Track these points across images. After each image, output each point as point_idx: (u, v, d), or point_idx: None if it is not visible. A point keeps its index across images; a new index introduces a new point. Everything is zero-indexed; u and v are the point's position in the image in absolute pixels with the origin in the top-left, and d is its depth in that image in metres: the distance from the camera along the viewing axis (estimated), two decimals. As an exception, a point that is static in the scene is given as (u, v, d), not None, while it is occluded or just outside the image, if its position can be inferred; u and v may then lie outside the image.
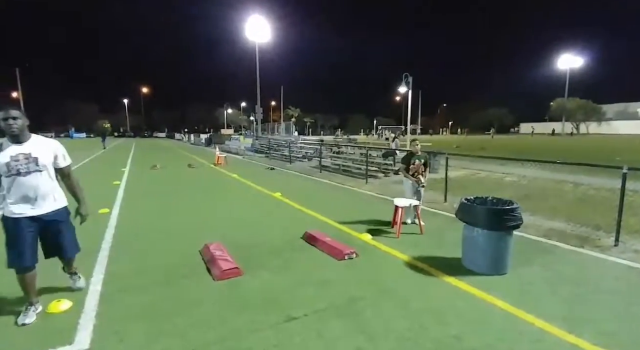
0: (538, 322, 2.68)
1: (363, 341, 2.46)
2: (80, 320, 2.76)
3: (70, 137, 45.75)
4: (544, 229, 5.20)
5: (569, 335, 2.51)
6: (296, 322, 2.72)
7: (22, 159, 2.56)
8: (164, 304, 3.03)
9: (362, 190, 8.66)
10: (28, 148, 2.61)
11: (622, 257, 4.06)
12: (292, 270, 3.75)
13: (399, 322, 2.71)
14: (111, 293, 3.23)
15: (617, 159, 13.93)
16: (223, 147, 23.58)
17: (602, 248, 4.38)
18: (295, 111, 66.17)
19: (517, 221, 3.54)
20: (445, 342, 2.45)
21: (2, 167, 2.51)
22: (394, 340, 2.47)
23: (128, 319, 2.78)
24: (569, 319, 2.72)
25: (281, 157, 17.43)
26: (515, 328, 2.63)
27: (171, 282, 3.46)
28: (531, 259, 4.00)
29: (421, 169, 5.38)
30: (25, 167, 2.57)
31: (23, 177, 2.56)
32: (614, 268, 3.80)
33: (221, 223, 5.69)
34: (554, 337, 2.50)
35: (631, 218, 5.29)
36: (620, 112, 64.63)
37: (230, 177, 11.16)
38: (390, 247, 4.39)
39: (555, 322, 2.67)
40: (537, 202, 6.83)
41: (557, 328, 2.60)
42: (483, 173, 10.79)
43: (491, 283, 3.36)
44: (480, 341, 2.46)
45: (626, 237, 4.63)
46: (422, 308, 2.92)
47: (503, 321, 2.72)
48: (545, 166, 11.26)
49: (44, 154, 2.69)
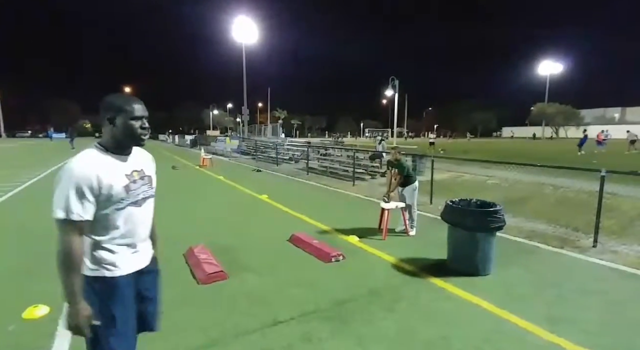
0: (522, 323, 2.72)
1: (352, 344, 2.45)
2: (59, 326, 2.65)
3: (49, 138, 43.79)
4: (526, 230, 5.31)
5: (552, 335, 2.55)
6: (283, 326, 2.68)
7: (138, 179, 1.50)
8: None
9: (349, 192, 8.67)
10: (136, 162, 1.53)
11: (600, 257, 4.18)
12: (278, 273, 3.71)
13: (387, 324, 2.71)
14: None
15: (593, 162, 14.41)
16: (209, 149, 23.29)
17: (581, 249, 4.51)
18: (283, 113, 65.95)
19: (499, 223, 3.61)
20: (434, 344, 2.46)
21: (118, 193, 1.40)
22: (384, 343, 2.47)
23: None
24: (551, 319, 2.77)
25: (268, 159, 17.33)
26: (500, 328, 2.67)
27: (165, 282, 3.36)
28: (514, 260, 4.07)
29: (397, 177, 5.06)
30: (143, 192, 1.53)
31: (138, 208, 1.51)
32: (594, 269, 3.91)
33: (206, 226, 5.60)
34: (537, 337, 2.54)
35: (608, 220, 5.46)
36: (598, 117, 67.10)
37: (215, 179, 11.01)
38: (377, 249, 4.40)
39: (539, 322, 2.72)
40: (519, 204, 6.98)
41: (540, 328, 2.64)
42: (467, 176, 10.98)
43: (476, 284, 3.41)
44: (467, 342, 2.48)
45: (604, 239, 4.77)
46: (410, 310, 2.93)
47: (488, 322, 2.76)
48: (525, 169, 11.55)
49: (153, 170, 1.65)
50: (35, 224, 5.58)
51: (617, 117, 70.02)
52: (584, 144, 21.00)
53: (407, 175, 5.06)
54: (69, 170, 1.32)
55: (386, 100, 61.63)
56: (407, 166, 5.16)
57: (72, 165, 1.33)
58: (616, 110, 72.84)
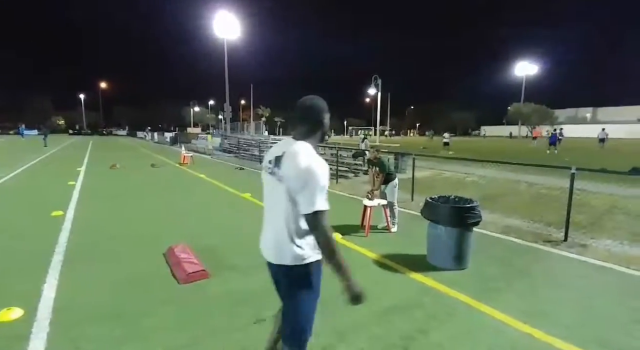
0: (498, 315, 2.83)
1: (334, 339, 2.49)
2: (33, 328, 2.57)
3: (20, 135, 41.74)
4: (502, 225, 5.50)
5: (526, 327, 2.67)
6: (266, 324, 2.69)
7: None
8: (126, 308, 2.89)
9: (332, 190, 8.72)
10: None
11: (570, 251, 4.39)
12: (261, 271, 3.70)
13: (368, 319, 2.75)
14: (65, 299, 3.03)
15: (565, 160, 15.02)
16: (190, 147, 22.87)
17: (553, 243, 4.71)
18: (266, 111, 65.35)
19: (476, 218, 3.76)
20: (413, 337, 2.52)
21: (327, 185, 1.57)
22: (364, 337, 2.52)
23: (85, 325, 2.62)
24: (526, 312, 2.89)
25: (251, 157, 17.18)
26: (478, 321, 2.77)
27: (134, 286, 3.31)
28: (491, 255, 4.22)
29: (378, 176, 5.12)
30: None
31: None
32: (564, 262, 4.10)
33: (188, 225, 5.51)
34: (513, 329, 2.65)
35: (578, 215, 5.72)
36: (571, 117, 69.90)
37: (197, 177, 10.84)
38: (359, 245, 4.46)
39: (514, 314, 2.83)
40: (496, 200, 7.22)
41: (516, 320, 2.75)
42: (447, 173, 11.24)
43: (455, 278, 3.51)
44: (446, 334, 2.56)
45: (574, 233, 5.00)
46: (390, 305, 2.99)
47: (466, 315, 2.85)
48: (502, 166, 11.93)
49: None
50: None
51: (589, 117, 73.15)
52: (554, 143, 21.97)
53: (388, 172, 5.14)
54: (320, 167, 1.49)
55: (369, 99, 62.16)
56: (387, 164, 5.23)
57: (320, 163, 1.50)
58: (588, 110, 76.08)
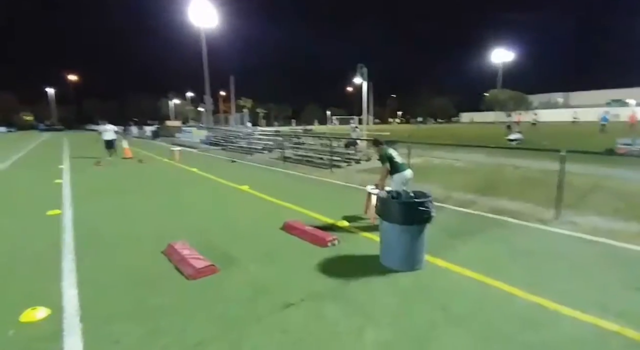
0: (506, 287, 3.06)
1: (364, 319, 2.64)
2: (64, 325, 2.59)
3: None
4: (494, 206, 5.79)
5: (533, 296, 2.91)
6: (294, 308, 2.81)
7: None
8: (150, 303, 2.93)
9: (328, 179, 8.85)
10: None
11: (562, 228, 4.70)
12: (278, 260, 3.81)
13: (390, 299, 2.92)
14: (89, 296, 3.05)
15: (543, 143, 15.66)
16: (174, 140, 22.40)
17: (544, 221, 5.02)
18: (248, 102, 64.31)
19: (426, 214, 3.36)
20: (436, 313, 2.71)
21: None
22: (390, 317, 2.68)
23: (116, 321, 2.67)
24: (530, 283, 3.13)
25: (239, 149, 17.03)
26: (488, 293, 2.99)
27: (150, 282, 3.33)
28: (489, 234, 4.50)
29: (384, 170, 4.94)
30: None
31: None
32: (557, 237, 4.40)
33: (189, 220, 5.51)
34: (521, 299, 2.88)
35: (565, 195, 6.07)
36: (544, 102, 72.27)
37: (189, 172, 10.72)
38: (368, 232, 4.62)
39: (520, 286, 3.07)
40: (486, 183, 7.54)
41: (523, 291, 2.99)
42: (436, 160, 11.55)
43: (462, 258, 3.73)
44: (463, 307, 2.77)
45: (563, 211, 5.33)
46: (408, 286, 3.17)
47: (478, 290, 3.07)
48: (488, 151, 12.37)
49: None
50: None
51: (561, 101, 75.83)
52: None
53: (393, 165, 4.92)
54: None
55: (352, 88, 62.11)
56: (385, 157, 4.95)
57: None
58: (560, 95, 78.79)
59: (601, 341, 2.36)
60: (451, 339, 2.39)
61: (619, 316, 2.60)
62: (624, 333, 2.41)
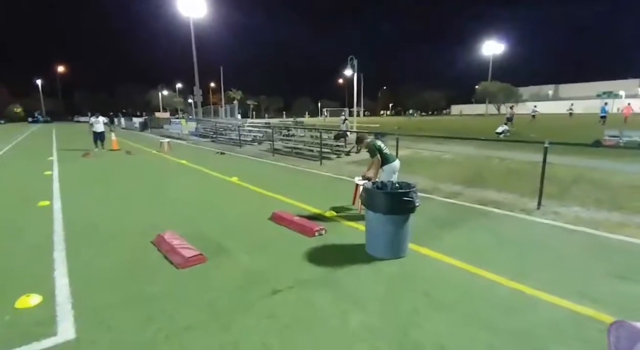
0: (490, 275, 3.18)
1: (350, 305, 2.73)
2: (57, 312, 2.63)
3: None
4: (480, 197, 5.93)
5: (514, 283, 3.02)
6: (282, 294, 2.89)
7: None
8: (140, 291, 2.97)
9: (318, 171, 8.90)
10: None
11: (544, 218, 4.85)
12: (267, 249, 3.87)
13: (376, 286, 3.02)
14: (80, 284, 3.08)
15: (531, 136, 15.91)
16: (162, 132, 22.11)
17: (527, 211, 5.17)
18: (238, 93, 63.63)
19: (409, 204, 3.42)
20: (419, 299, 2.81)
21: None
22: (376, 302, 2.77)
23: (107, 307, 2.71)
24: (513, 271, 3.24)
25: (229, 141, 16.93)
26: (472, 280, 3.10)
27: (140, 270, 3.37)
28: (474, 224, 4.61)
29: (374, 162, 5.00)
30: None
31: None
32: (539, 227, 4.54)
33: (178, 211, 5.51)
34: (504, 286, 3.00)
35: (548, 186, 6.24)
36: (534, 94, 73.12)
37: (178, 164, 10.65)
38: (355, 221, 4.70)
39: (504, 274, 3.18)
40: (472, 174, 7.68)
41: (506, 279, 3.10)
42: (425, 152, 11.68)
43: (447, 247, 3.83)
44: (446, 294, 2.87)
45: (545, 202, 5.49)
46: (394, 273, 3.26)
47: (462, 277, 3.18)
48: (475, 143, 12.55)
49: None
50: None
51: (551, 94, 76.84)
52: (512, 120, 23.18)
53: (383, 157, 4.97)
54: None
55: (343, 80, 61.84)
56: (374, 150, 4.99)
57: None
58: (550, 87, 79.78)
59: (576, 324, 2.48)
60: (433, 324, 2.49)
61: (594, 302, 2.72)
62: (598, 317, 2.53)
